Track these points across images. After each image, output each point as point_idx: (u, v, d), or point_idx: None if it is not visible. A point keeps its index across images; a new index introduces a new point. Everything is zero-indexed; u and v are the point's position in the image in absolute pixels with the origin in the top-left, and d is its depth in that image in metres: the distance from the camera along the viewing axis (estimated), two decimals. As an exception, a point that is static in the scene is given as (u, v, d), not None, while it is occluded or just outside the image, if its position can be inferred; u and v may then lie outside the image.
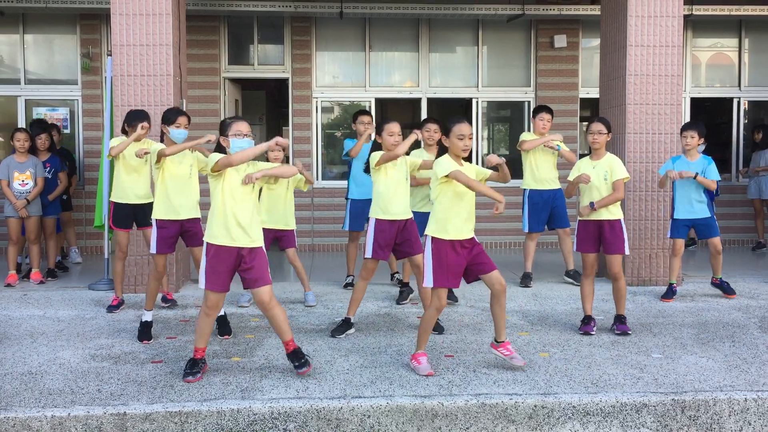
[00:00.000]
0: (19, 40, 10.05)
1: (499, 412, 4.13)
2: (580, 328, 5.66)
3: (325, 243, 10.25)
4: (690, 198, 6.71)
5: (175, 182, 5.49)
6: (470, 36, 10.63)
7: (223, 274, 4.45)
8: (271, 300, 4.50)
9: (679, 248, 6.86)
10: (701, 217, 6.73)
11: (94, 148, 9.71)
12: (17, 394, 4.25)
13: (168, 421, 4.00)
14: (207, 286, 4.46)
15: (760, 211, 10.14)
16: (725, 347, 5.25)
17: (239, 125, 4.50)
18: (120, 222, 6.22)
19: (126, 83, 6.95)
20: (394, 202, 5.48)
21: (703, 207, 6.72)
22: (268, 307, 4.49)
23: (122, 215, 6.20)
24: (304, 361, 4.54)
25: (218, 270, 4.44)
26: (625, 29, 7.31)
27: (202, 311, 4.54)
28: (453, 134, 4.58)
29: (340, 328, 5.58)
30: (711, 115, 11.33)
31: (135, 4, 6.91)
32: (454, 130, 4.58)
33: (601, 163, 5.63)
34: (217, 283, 4.45)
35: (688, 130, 6.76)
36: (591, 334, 5.56)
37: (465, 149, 4.59)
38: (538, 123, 7.31)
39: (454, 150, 4.60)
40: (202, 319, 4.55)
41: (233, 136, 4.47)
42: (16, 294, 6.91)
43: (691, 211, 6.72)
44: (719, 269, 6.88)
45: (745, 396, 4.27)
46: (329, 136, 10.76)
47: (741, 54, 10.89)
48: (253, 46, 10.47)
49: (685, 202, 6.73)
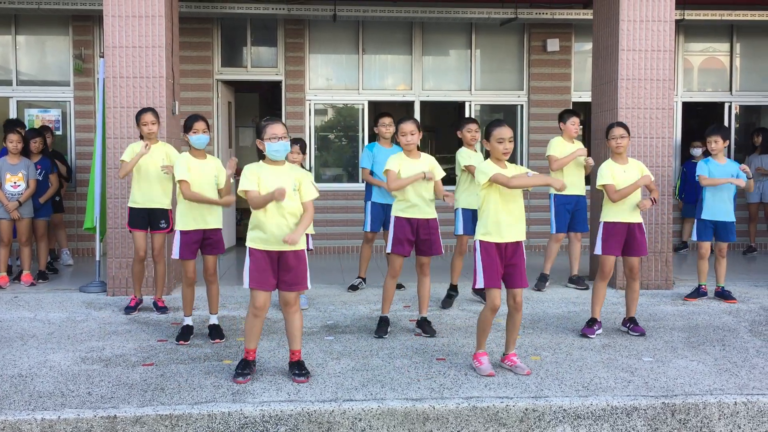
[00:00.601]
0: (11, 41, 10.02)
1: (491, 416, 4.14)
2: (583, 329, 5.66)
3: (319, 246, 10.23)
4: (723, 199, 6.73)
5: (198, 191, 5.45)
6: (463, 39, 10.66)
7: (267, 272, 4.44)
8: (296, 303, 4.55)
9: (706, 251, 6.90)
10: (726, 220, 6.77)
11: (86, 149, 9.68)
12: (7, 397, 4.23)
13: (158, 424, 3.99)
14: (252, 284, 4.44)
15: (755, 215, 10.22)
16: (715, 351, 5.27)
17: (275, 128, 4.40)
18: (136, 223, 6.22)
19: (118, 85, 6.94)
20: (414, 201, 5.49)
21: (731, 210, 6.79)
22: (291, 311, 4.53)
23: (138, 218, 6.21)
24: (305, 372, 4.55)
25: (263, 268, 4.43)
26: (617, 34, 7.33)
27: (250, 312, 4.52)
28: (493, 138, 4.62)
29: (382, 328, 5.63)
30: (702, 120, 11.38)
31: (128, 6, 6.90)
32: (494, 134, 4.62)
33: (630, 167, 5.70)
34: (264, 282, 4.44)
35: (711, 135, 6.77)
36: (590, 338, 5.57)
37: (505, 152, 4.61)
38: (570, 128, 7.38)
39: (495, 154, 4.64)
40: (250, 320, 4.53)
41: (269, 139, 4.38)
42: (6, 296, 6.88)
43: (721, 213, 6.74)
44: (723, 277, 6.93)
45: (735, 399, 4.29)
46: (323, 138, 10.76)
47: (732, 58, 10.95)
48: (246, 48, 10.47)
49: (718, 203, 6.74)
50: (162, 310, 6.35)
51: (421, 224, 5.52)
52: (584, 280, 7.47)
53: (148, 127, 6.16)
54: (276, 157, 4.44)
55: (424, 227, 5.52)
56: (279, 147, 4.40)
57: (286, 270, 4.46)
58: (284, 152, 4.45)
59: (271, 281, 4.46)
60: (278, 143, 4.39)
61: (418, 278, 5.67)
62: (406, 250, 5.55)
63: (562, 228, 7.41)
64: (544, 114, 10.53)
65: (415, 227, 5.51)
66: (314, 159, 10.48)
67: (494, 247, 4.62)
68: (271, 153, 4.41)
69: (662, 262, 7.33)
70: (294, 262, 4.47)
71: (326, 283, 7.60)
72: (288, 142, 4.45)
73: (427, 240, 5.54)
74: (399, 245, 5.52)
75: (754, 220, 10.24)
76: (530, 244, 10.29)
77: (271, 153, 4.41)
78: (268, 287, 4.46)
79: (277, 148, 4.40)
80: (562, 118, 7.50)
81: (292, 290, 4.50)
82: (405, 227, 5.51)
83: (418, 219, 5.51)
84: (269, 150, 4.40)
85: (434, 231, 5.56)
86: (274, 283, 4.48)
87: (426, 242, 5.54)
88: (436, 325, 5.83)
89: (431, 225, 5.55)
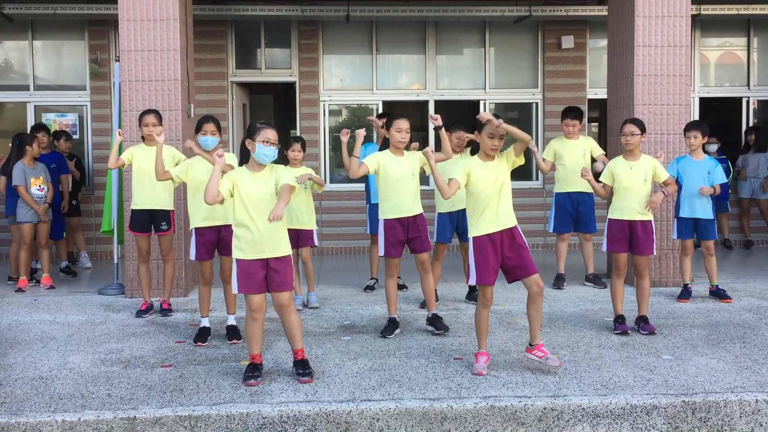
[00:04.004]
0: (27, 47, 10.11)
1: (509, 415, 4.12)
2: (616, 328, 5.63)
3: (333, 246, 10.24)
4: (699, 197, 6.66)
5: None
6: (477, 38, 10.62)
7: (254, 276, 4.45)
8: (290, 304, 4.55)
9: (689, 248, 6.82)
10: (705, 217, 6.70)
11: (103, 153, 9.75)
12: (28, 399, 4.27)
13: (178, 425, 4.01)
14: (240, 290, 4.47)
15: (747, 210, 10.33)
16: (736, 348, 5.21)
17: (268, 132, 4.43)
18: (137, 226, 6.26)
19: (134, 88, 6.99)
20: (400, 200, 5.51)
21: (707, 207, 6.69)
22: (286, 312, 4.53)
23: (140, 219, 6.25)
24: (309, 371, 4.56)
25: (250, 274, 4.44)
26: (632, 29, 7.28)
27: (248, 316, 4.55)
28: (485, 132, 4.67)
29: (388, 329, 5.63)
30: (720, 115, 11.28)
31: (142, 10, 6.95)
32: (486, 127, 4.66)
33: (638, 164, 5.65)
34: (252, 286, 4.46)
35: (691, 130, 6.70)
36: (628, 334, 5.55)
37: (493, 149, 4.65)
38: (563, 127, 7.41)
39: (484, 148, 4.70)
40: (249, 324, 4.56)
41: (261, 142, 4.41)
42: (26, 299, 6.95)
43: (696, 210, 6.67)
44: (715, 275, 6.85)
45: (756, 397, 4.24)
46: (337, 139, 10.75)
47: (750, 53, 10.83)
48: (260, 50, 10.50)
49: (693, 200, 6.68)
50: (165, 312, 6.35)
51: (410, 222, 5.55)
52: (601, 278, 7.42)
53: (149, 128, 6.17)
54: (263, 160, 4.46)
55: (412, 225, 5.55)
56: (268, 152, 4.43)
57: (274, 272, 4.47)
58: (271, 158, 4.48)
59: (260, 283, 4.48)
60: (269, 148, 4.42)
61: (420, 276, 5.69)
62: (398, 251, 5.58)
63: (561, 227, 7.36)
64: (559, 112, 10.35)
65: (405, 226, 5.55)
66: (328, 159, 10.49)
67: (487, 241, 4.60)
68: (260, 155, 4.43)
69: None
70: (281, 266, 4.47)
71: (341, 284, 7.60)
72: (276, 150, 4.48)
73: (418, 237, 5.57)
74: (391, 248, 5.55)
75: (746, 214, 10.34)
76: (547, 242, 10.25)
77: (259, 155, 4.43)
78: (258, 290, 4.48)
79: (267, 152, 4.42)
80: (562, 116, 7.53)
81: (282, 291, 4.49)
82: (395, 228, 5.52)
83: (407, 217, 5.54)
84: (259, 152, 4.42)
85: (422, 228, 5.60)
86: (264, 284, 4.49)
87: (417, 240, 5.56)
88: (453, 324, 5.82)
89: (419, 222, 5.59)
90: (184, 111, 7.16)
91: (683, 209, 6.75)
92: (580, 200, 7.31)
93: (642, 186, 5.59)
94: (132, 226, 6.31)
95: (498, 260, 4.64)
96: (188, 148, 5.73)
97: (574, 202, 7.32)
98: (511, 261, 4.63)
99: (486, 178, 4.61)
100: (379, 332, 5.63)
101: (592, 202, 7.36)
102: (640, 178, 5.59)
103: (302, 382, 4.50)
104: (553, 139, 7.59)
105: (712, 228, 6.77)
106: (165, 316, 6.31)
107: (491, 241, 4.61)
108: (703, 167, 6.63)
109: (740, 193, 10.25)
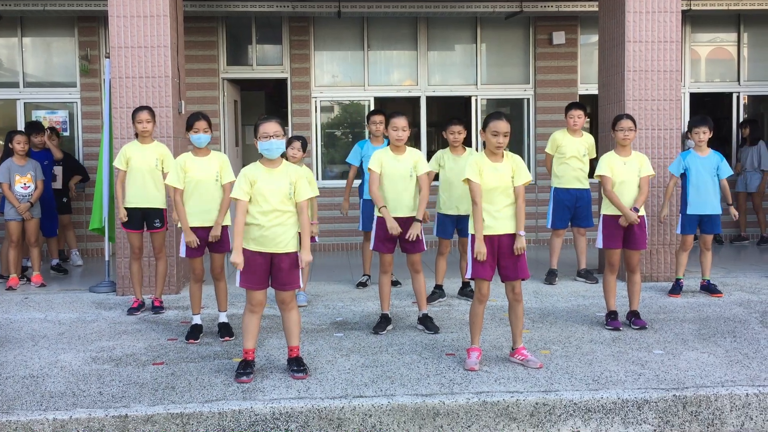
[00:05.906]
0: (17, 44, 10.04)
1: (501, 410, 4.13)
2: (608, 323, 5.65)
3: (325, 243, 10.24)
4: (708, 192, 6.62)
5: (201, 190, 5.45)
6: (469, 34, 10.62)
7: (258, 272, 4.45)
8: (292, 301, 4.57)
9: (689, 244, 6.84)
10: (713, 213, 6.67)
11: (94, 150, 9.71)
12: (19, 398, 4.25)
13: (169, 422, 4.00)
14: (243, 284, 4.47)
15: (743, 204, 10.31)
16: (726, 342, 5.24)
17: (265, 126, 4.41)
18: (130, 223, 6.24)
19: (125, 85, 6.95)
20: (398, 199, 5.50)
21: (715, 201, 6.67)
22: (287, 308, 4.55)
23: (133, 217, 6.24)
24: (303, 368, 4.55)
25: (253, 269, 4.44)
26: (623, 25, 7.30)
27: (247, 308, 4.54)
28: (488, 130, 4.66)
29: (380, 325, 5.63)
30: (710, 110, 11.29)
31: (132, 6, 6.91)
32: (490, 125, 4.66)
33: (632, 159, 5.68)
34: (255, 282, 4.46)
35: (699, 126, 6.60)
36: (620, 330, 5.57)
37: (498, 146, 4.64)
38: (568, 121, 7.39)
39: (489, 146, 4.69)
40: (247, 316, 4.55)
41: (260, 138, 4.41)
42: (17, 297, 6.92)
43: (705, 206, 6.63)
44: (709, 270, 6.87)
45: (747, 391, 4.27)
46: (329, 135, 10.75)
47: (740, 48, 10.87)
48: (251, 46, 10.47)
49: (703, 196, 6.62)
50: (156, 309, 6.34)
51: (406, 223, 5.52)
52: (593, 274, 7.44)
53: (143, 125, 6.18)
54: (268, 155, 4.45)
55: (404, 226, 5.50)
56: (269, 146, 4.40)
57: (278, 270, 4.47)
58: (276, 150, 4.44)
59: (263, 279, 4.48)
60: (268, 142, 4.40)
61: (411, 276, 5.69)
62: (388, 248, 5.56)
63: (558, 224, 7.38)
64: (550, 107, 10.49)
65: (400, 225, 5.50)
66: (320, 156, 10.47)
67: (486, 240, 4.63)
68: (263, 151, 4.44)
69: (672, 254, 7.29)
70: (286, 265, 4.48)
71: (334, 281, 7.60)
72: (282, 141, 4.44)
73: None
74: (380, 243, 5.55)
75: (741, 209, 10.30)
76: (538, 238, 10.27)
77: (262, 151, 4.44)
78: (261, 286, 4.49)
79: (267, 146, 4.40)
80: (566, 110, 7.51)
81: (286, 290, 4.52)
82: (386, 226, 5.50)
83: (399, 218, 5.51)
84: (261, 148, 4.44)
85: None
86: (267, 280, 4.50)
87: (409, 240, 5.52)
88: (445, 321, 5.83)
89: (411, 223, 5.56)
90: (175, 108, 7.13)
91: (691, 206, 6.70)
92: (579, 196, 7.34)
93: (635, 181, 5.63)
94: (126, 224, 6.29)
95: (495, 258, 4.68)
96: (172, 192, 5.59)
97: (573, 198, 7.33)
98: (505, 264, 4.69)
99: (492, 178, 4.65)
100: (372, 328, 5.64)
101: (589, 197, 7.41)
102: (633, 173, 5.63)
103: (297, 378, 4.50)
104: (557, 132, 7.55)
105: (718, 222, 6.75)
106: (156, 314, 6.30)
107: (491, 241, 4.64)
108: (710, 162, 6.63)
109: (736, 187, 10.20)
